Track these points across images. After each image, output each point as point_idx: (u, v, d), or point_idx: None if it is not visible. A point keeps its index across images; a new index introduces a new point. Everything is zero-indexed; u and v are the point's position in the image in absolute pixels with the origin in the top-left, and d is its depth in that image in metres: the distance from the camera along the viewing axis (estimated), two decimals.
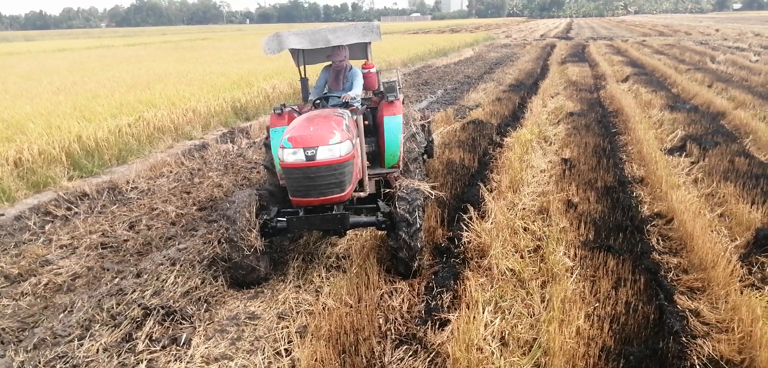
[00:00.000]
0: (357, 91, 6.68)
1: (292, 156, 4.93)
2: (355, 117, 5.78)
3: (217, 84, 16.98)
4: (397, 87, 6.84)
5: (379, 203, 5.66)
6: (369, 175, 6.12)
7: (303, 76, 7.33)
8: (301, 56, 7.34)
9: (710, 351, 4.01)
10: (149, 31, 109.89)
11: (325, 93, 6.70)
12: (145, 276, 5.65)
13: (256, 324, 4.77)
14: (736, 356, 3.94)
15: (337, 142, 4.98)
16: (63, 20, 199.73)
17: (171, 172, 9.85)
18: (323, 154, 4.90)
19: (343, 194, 5.15)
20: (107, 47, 46.83)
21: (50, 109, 12.44)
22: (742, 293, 4.62)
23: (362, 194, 5.86)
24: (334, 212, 5.21)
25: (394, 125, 6.30)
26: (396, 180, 6.21)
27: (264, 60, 22.90)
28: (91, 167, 9.95)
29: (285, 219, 5.34)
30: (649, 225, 6.36)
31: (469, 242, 5.75)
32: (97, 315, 4.97)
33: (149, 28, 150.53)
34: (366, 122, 6.70)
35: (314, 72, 7.34)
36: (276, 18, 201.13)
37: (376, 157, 6.59)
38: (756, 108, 12.44)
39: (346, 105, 6.22)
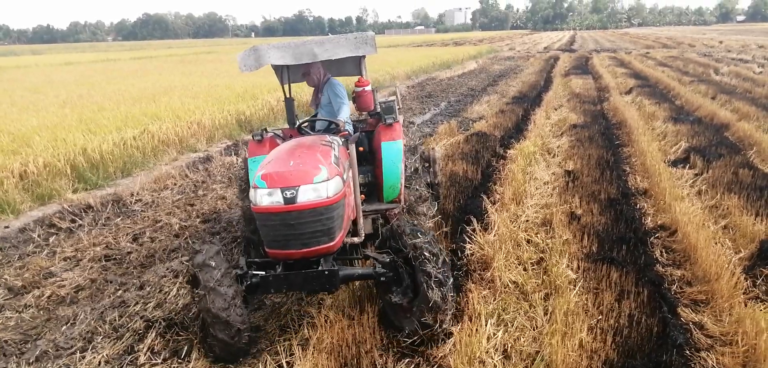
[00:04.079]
0: (346, 113, 5.90)
1: (268, 198, 4.07)
2: (347, 145, 4.97)
3: (222, 97, 17.08)
4: (397, 107, 6.05)
5: (369, 251, 4.79)
6: (364, 211, 5.31)
7: (288, 95, 6.62)
8: (286, 73, 6.61)
9: (714, 364, 3.99)
10: (155, 45, 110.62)
11: (311, 116, 5.95)
12: (148, 289, 5.68)
13: (258, 337, 4.76)
14: None
15: (323, 180, 4.13)
16: (70, 34, 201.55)
17: (175, 184, 9.89)
18: (306, 195, 4.06)
19: (331, 244, 4.27)
20: (113, 61, 47.12)
21: (56, 121, 12.53)
22: (746, 305, 4.61)
23: (356, 240, 4.96)
24: (320, 268, 4.29)
25: (393, 152, 5.54)
26: (397, 217, 5.46)
27: (268, 73, 22.96)
28: (96, 180, 9.99)
29: (259, 275, 4.38)
30: (652, 238, 6.33)
31: (472, 254, 5.73)
32: (100, 327, 4.99)
33: (155, 41, 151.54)
34: (361, 148, 5.87)
35: (299, 90, 6.82)
36: (281, 31, 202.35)
37: (372, 189, 5.83)
38: (760, 119, 12.42)
39: (336, 130, 5.48)
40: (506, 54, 48.08)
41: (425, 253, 4.18)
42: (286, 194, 4.03)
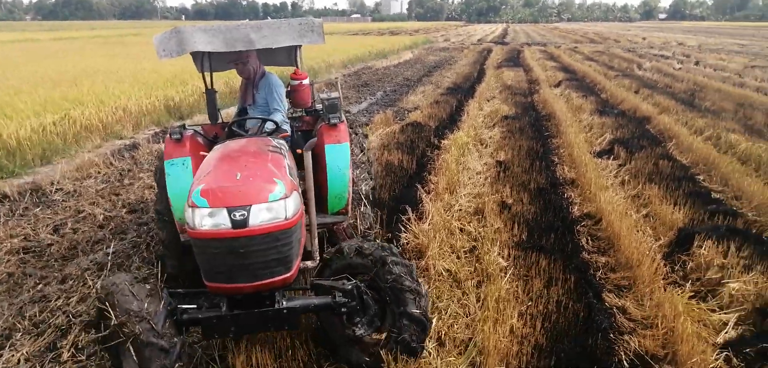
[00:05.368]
0: (282, 113, 5.26)
1: (209, 220, 3.27)
2: (303, 151, 4.19)
3: (149, 81, 16.46)
4: (340, 103, 5.30)
5: (324, 280, 3.94)
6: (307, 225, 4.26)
7: (210, 86, 5.78)
8: (207, 61, 5.66)
9: (636, 347, 4.18)
10: (78, 25, 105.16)
11: (239, 113, 5.31)
12: (71, 282, 5.42)
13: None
14: (660, 350, 4.13)
15: (280, 197, 3.39)
16: None
17: (99, 172, 9.46)
18: (260, 217, 3.30)
19: (288, 275, 3.53)
20: (32, 41, 44.55)
21: None
22: (665, 290, 4.86)
23: (310, 264, 4.19)
24: (278, 305, 3.57)
25: (339, 156, 4.77)
26: (345, 231, 4.98)
27: None
28: (12, 167, 9.43)
29: (196, 310, 3.60)
30: (579, 226, 6.57)
31: (407, 243, 5.78)
32: (19, 323, 4.73)
33: (78, 22, 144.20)
34: (298, 151, 4.90)
35: (229, 77, 6.28)
36: (213, 15, 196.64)
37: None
38: (678, 113, 13.10)
39: (276, 129, 4.86)
40: (441, 45, 48.55)
41: (401, 273, 3.68)
42: (234, 216, 3.25)
